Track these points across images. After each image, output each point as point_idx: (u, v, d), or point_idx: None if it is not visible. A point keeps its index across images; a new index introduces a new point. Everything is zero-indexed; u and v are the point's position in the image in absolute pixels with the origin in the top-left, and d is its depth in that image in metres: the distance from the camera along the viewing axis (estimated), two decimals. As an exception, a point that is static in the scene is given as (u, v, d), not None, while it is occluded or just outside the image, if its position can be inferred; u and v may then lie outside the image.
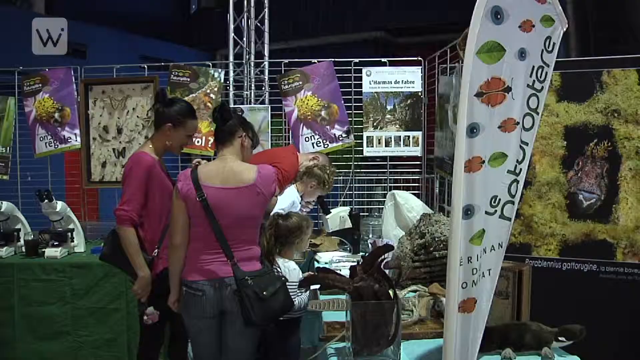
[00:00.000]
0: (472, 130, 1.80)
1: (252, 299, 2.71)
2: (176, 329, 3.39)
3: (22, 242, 4.70)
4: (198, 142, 5.04)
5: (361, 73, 5.18)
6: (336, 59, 5.22)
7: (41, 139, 5.28)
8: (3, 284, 4.41)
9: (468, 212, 1.81)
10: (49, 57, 5.44)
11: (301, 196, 4.27)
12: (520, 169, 1.94)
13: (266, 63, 6.80)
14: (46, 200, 4.43)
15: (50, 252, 4.48)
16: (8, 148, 5.35)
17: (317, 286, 3.13)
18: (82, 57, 13.27)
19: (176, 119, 3.24)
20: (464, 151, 1.79)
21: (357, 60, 5.23)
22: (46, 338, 4.41)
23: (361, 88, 5.19)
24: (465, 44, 1.83)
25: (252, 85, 6.20)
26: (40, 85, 5.29)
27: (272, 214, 3.25)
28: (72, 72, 5.30)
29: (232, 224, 2.78)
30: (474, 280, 1.86)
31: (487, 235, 1.88)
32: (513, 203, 1.94)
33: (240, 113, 3.09)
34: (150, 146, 3.30)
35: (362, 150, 5.21)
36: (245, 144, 2.98)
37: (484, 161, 1.83)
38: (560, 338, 2.22)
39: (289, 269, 3.21)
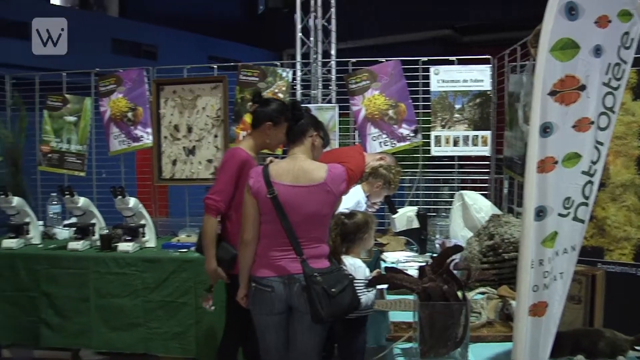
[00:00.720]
0: (545, 129, 1.76)
1: (321, 296, 2.73)
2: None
3: (97, 236, 4.87)
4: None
5: (429, 72, 5.13)
6: (404, 58, 5.17)
7: (115, 137, 5.45)
8: (80, 275, 4.57)
9: (540, 213, 1.77)
10: (122, 58, 5.63)
11: (367, 196, 4.26)
12: (595, 170, 1.89)
13: (333, 62, 6.82)
14: (120, 197, 4.58)
15: (123, 246, 4.63)
16: (85, 146, 5.56)
17: (385, 286, 3.13)
18: (153, 58, 13.70)
19: (276, 117, 3.35)
20: (537, 151, 1.76)
21: (425, 58, 5.17)
22: (119, 329, 4.53)
23: (429, 87, 5.13)
24: (536, 41, 1.79)
25: (320, 84, 6.22)
26: (114, 85, 5.45)
27: (336, 213, 3.27)
28: (145, 72, 5.44)
29: (302, 221, 2.81)
30: (545, 284, 1.82)
31: (560, 238, 1.83)
32: (587, 205, 1.88)
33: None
34: (248, 143, 3.42)
35: (430, 149, 5.15)
36: (316, 143, 3.02)
37: (557, 161, 1.79)
38: (637, 347, 2.14)
39: (355, 266, 3.22)
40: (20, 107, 5.84)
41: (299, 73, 6.44)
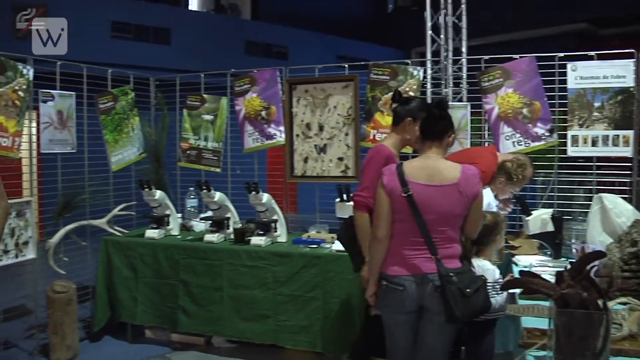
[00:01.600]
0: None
1: (456, 296, 2.72)
2: None
3: (231, 229, 5.08)
4: (379, 137, 5.09)
5: (565, 68, 4.89)
6: (539, 54, 4.97)
7: (249, 135, 5.64)
8: (214, 266, 4.81)
9: (696, 219, 1.66)
10: (255, 59, 5.80)
11: (495, 195, 4.14)
12: None
13: (464, 60, 6.68)
14: (253, 192, 4.75)
15: (255, 240, 4.80)
16: (221, 143, 5.82)
17: (517, 290, 3.05)
18: (284, 58, 14.08)
19: (416, 113, 3.38)
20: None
21: (561, 54, 4.94)
22: (249, 319, 4.70)
23: (566, 84, 4.90)
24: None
25: (450, 82, 6.12)
26: (249, 85, 5.64)
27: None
28: (277, 72, 5.58)
29: (435, 221, 2.80)
30: (699, 296, 1.70)
31: None
32: None
33: None
34: (390, 140, 3.49)
35: (566, 150, 4.91)
36: (450, 143, 3.00)
37: None
38: None
39: (484, 268, 3.17)
40: (162, 107, 6.20)
41: (429, 71, 6.37)
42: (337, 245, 4.50)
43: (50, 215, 5.31)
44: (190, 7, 15.31)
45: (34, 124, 5.22)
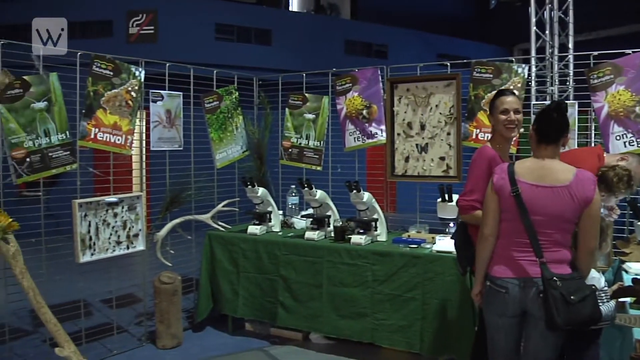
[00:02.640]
0: None
1: (559, 301, 2.62)
2: None
3: (331, 227, 5.14)
4: (482, 136, 5.02)
5: (685, 63, 4.60)
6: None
7: (350, 134, 5.67)
8: (314, 263, 4.88)
9: None
10: (354, 58, 5.79)
11: None
12: None
13: (571, 56, 6.43)
14: (354, 191, 4.78)
15: (355, 238, 4.82)
16: (322, 142, 5.89)
17: (628, 299, 2.92)
18: (383, 57, 14.05)
19: (490, 103, 3.42)
20: None
21: (680, 48, 4.65)
22: (347, 317, 4.73)
23: (684, 80, 4.60)
24: None
25: (556, 80, 5.91)
26: (350, 84, 5.67)
27: None
28: (379, 71, 5.58)
29: (543, 223, 2.73)
30: None
31: None
32: None
33: None
34: (493, 141, 3.49)
35: (683, 151, 4.62)
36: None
37: None
38: None
39: (588, 277, 3.04)
40: (265, 106, 6.36)
41: (533, 69, 6.17)
42: (438, 246, 4.45)
43: (158, 209, 5.57)
44: (290, 8, 15.56)
45: (144, 123, 5.48)
